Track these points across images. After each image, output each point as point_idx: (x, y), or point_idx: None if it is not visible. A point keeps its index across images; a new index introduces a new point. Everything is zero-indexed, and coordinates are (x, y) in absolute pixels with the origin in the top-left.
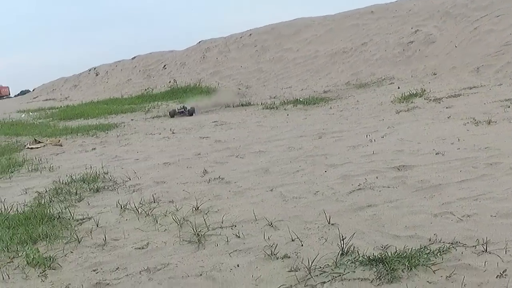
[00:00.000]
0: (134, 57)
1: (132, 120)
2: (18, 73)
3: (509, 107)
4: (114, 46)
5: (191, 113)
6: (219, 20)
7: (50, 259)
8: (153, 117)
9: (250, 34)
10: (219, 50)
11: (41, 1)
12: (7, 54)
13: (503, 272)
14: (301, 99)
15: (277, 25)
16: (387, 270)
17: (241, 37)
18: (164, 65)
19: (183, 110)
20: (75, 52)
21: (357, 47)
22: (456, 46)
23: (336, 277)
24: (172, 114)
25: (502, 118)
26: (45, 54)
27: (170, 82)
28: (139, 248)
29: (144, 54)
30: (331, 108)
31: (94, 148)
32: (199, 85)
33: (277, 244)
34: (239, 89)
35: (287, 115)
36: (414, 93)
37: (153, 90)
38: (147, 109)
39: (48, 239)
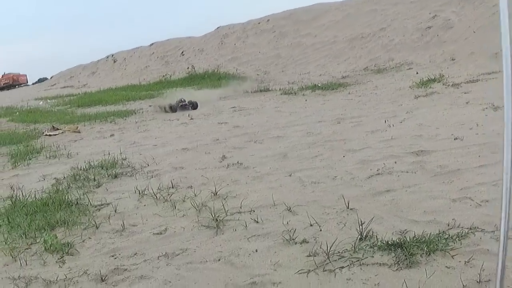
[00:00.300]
0: (152, 44)
1: (150, 106)
2: (36, 61)
3: None
4: (133, 33)
5: (195, 106)
6: (237, 5)
7: (68, 245)
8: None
9: (268, 20)
10: (237, 36)
11: None
12: (25, 42)
13: None
14: (319, 85)
15: (295, 10)
16: (405, 255)
17: (259, 23)
18: (182, 52)
19: (185, 103)
20: (93, 39)
21: (375, 33)
22: (474, 32)
23: (354, 262)
24: (174, 109)
25: None
26: (63, 41)
27: (188, 68)
28: (157, 234)
29: (162, 40)
30: (349, 93)
31: (112, 135)
32: (217, 71)
33: (295, 229)
34: (257, 74)
35: (306, 100)
36: (433, 78)
37: (171, 76)
38: (165, 96)
39: (66, 225)
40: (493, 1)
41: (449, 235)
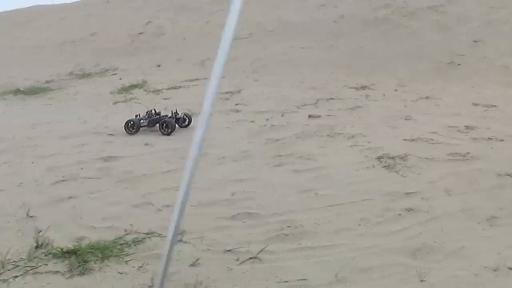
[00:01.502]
0: None
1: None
2: None
3: (228, 99)
4: None
5: (171, 127)
6: None
7: None
8: None
9: None
10: None
11: None
12: None
13: (196, 261)
14: (22, 89)
15: (12, 12)
16: (79, 262)
17: None
18: None
19: (178, 115)
20: None
21: (87, 37)
22: (185, 39)
23: (28, 270)
24: (173, 127)
25: (218, 111)
26: None
27: None
28: None
29: None
30: (50, 98)
31: None
32: None
33: None
34: None
35: (6, 105)
36: (135, 84)
37: None
38: None
39: None
40: (209, 10)
41: (125, 241)
